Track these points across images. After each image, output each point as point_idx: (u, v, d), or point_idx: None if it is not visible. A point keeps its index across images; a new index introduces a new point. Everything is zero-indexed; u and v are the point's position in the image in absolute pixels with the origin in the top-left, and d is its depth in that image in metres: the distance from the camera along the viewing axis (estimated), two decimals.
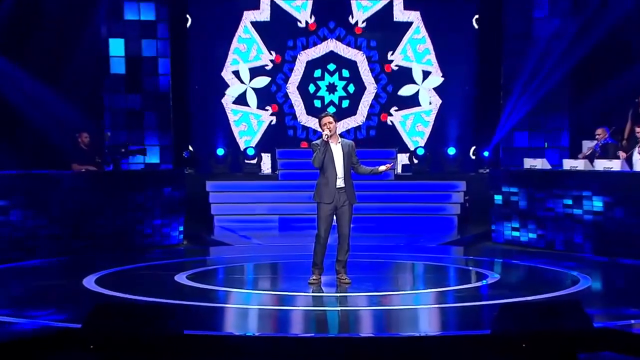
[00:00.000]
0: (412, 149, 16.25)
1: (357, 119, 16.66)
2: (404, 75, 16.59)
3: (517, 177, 12.49)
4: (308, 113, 16.57)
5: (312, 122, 16.31)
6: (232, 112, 16.58)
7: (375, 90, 16.61)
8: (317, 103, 16.60)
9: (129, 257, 10.98)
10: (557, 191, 11.72)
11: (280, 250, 11.96)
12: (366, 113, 16.67)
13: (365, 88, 16.64)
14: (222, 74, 16.52)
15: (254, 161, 15.81)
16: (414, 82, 16.59)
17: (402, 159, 16.26)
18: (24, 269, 10.21)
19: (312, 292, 8.33)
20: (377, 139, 16.55)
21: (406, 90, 16.59)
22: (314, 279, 8.61)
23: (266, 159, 16.37)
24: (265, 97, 16.60)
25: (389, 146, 16.02)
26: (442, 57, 16.53)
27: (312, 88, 16.64)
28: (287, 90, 16.59)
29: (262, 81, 16.57)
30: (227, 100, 16.55)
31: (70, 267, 10.45)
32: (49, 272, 10.15)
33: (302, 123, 16.62)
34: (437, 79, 16.55)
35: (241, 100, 16.55)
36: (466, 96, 16.51)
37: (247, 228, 14.04)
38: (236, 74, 16.54)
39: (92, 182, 11.63)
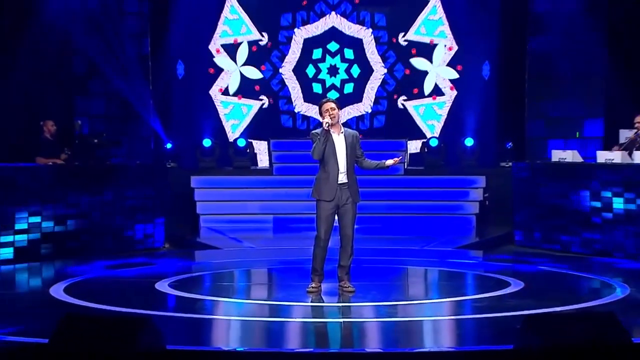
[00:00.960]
0: (428, 136, 16.21)
1: (362, 107, 16.65)
2: (418, 52, 16.61)
3: (552, 171, 12.41)
4: (306, 100, 16.57)
5: (312, 111, 16.31)
6: (222, 104, 16.58)
7: (383, 76, 16.61)
8: (317, 88, 16.61)
9: (102, 262, 10.99)
10: (603, 187, 11.51)
11: (275, 254, 11.97)
12: (373, 99, 16.67)
13: (372, 70, 16.64)
14: (210, 46, 16.54)
15: (247, 151, 15.79)
16: (429, 60, 16.63)
17: (415, 146, 16.20)
18: None
19: (311, 302, 8.34)
20: (385, 127, 16.57)
21: (419, 63, 16.56)
22: (313, 287, 8.62)
23: (263, 154, 16.30)
24: (257, 84, 16.60)
25: (399, 136, 16.01)
26: (461, 39, 16.53)
27: (311, 71, 16.64)
28: (282, 74, 16.57)
29: (254, 72, 16.57)
30: (215, 91, 16.55)
31: (34, 273, 10.45)
32: (10, 280, 10.15)
33: (302, 113, 16.62)
34: (452, 72, 16.55)
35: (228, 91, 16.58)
36: (487, 81, 16.50)
37: (237, 229, 14.05)
38: (227, 49, 16.53)
39: (58, 177, 11.56)
